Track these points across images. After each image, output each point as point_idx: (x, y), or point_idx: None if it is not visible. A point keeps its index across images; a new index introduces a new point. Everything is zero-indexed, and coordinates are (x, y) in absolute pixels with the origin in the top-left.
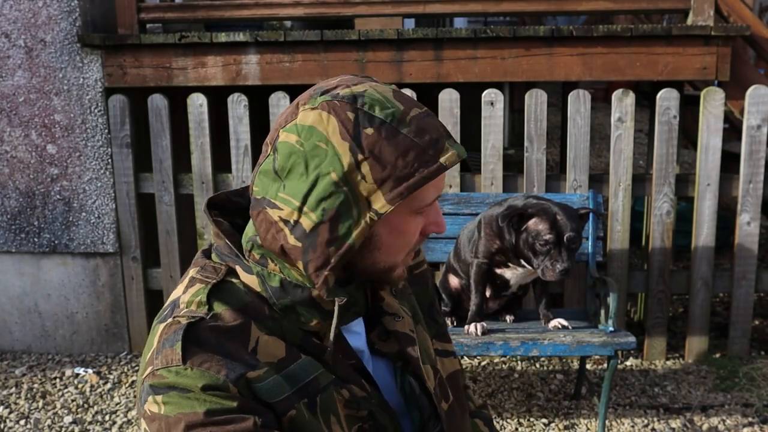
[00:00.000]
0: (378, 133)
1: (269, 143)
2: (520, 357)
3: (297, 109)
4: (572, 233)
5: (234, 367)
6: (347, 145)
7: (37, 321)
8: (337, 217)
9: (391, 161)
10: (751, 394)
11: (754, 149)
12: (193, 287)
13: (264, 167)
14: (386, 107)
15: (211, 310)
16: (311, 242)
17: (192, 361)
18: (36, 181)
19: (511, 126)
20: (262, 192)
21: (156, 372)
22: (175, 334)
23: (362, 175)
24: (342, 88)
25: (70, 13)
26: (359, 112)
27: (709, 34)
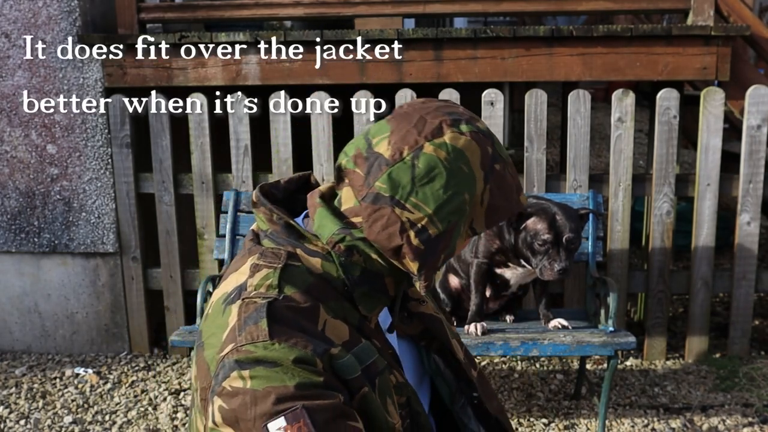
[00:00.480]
0: (502, 169)
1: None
2: (520, 357)
3: (443, 128)
4: (571, 233)
5: (317, 344)
6: (482, 174)
7: (37, 321)
8: (454, 230)
9: (500, 195)
10: (751, 394)
11: (754, 149)
12: (259, 272)
13: (397, 170)
14: (503, 148)
15: (282, 293)
16: (432, 248)
17: (278, 338)
18: (36, 181)
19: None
20: (390, 191)
21: (241, 348)
22: (257, 312)
23: (481, 201)
24: (475, 121)
25: (70, 13)
26: (493, 148)
27: (709, 34)
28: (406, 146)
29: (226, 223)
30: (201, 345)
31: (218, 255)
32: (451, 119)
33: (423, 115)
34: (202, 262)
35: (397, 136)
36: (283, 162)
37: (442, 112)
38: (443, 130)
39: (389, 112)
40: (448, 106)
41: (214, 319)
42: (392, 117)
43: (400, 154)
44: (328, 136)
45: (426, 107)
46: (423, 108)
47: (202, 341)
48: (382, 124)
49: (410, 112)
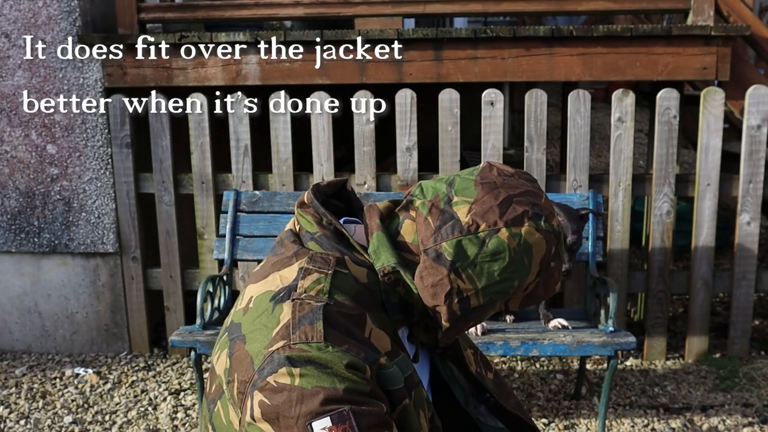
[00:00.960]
0: (555, 268)
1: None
2: (520, 357)
3: (524, 219)
4: (572, 235)
5: (368, 352)
6: (538, 269)
7: (37, 321)
8: (491, 305)
9: (543, 288)
10: (751, 394)
11: (754, 149)
12: (310, 275)
13: (467, 241)
14: (563, 247)
15: (332, 298)
16: (467, 316)
17: (332, 341)
18: (36, 181)
19: (511, 126)
20: (453, 257)
21: (293, 345)
22: (313, 314)
23: (526, 288)
24: (553, 217)
25: (70, 13)
26: (557, 248)
27: (709, 34)
28: (484, 223)
29: (226, 223)
30: (241, 338)
31: (218, 255)
32: (533, 212)
33: (510, 195)
34: (202, 262)
35: (479, 207)
36: (283, 162)
37: (528, 200)
38: (523, 221)
39: (389, 112)
40: (533, 194)
41: (259, 314)
42: (481, 182)
43: (477, 228)
44: (328, 136)
45: (515, 186)
46: (512, 186)
47: (243, 334)
48: (470, 184)
49: (499, 185)
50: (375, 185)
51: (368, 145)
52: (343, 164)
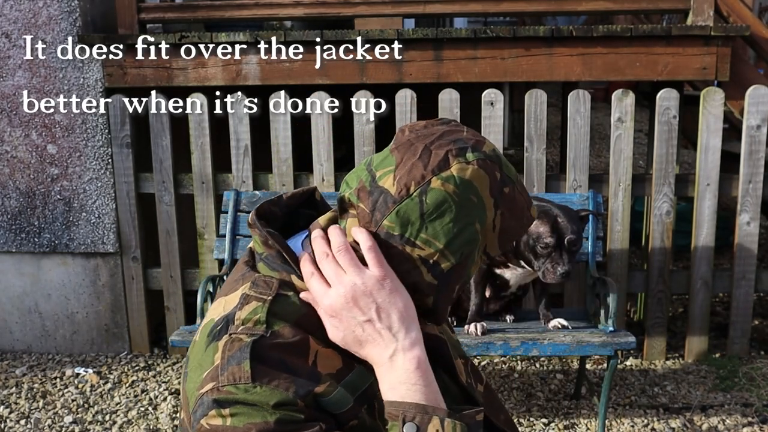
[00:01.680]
0: (511, 191)
1: (411, 183)
2: (520, 357)
3: (448, 159)
4: (573, 236)
5: (301, 384)
6: (492, 201)
7: (38, 321)
8: (468, 259)
9: (511, 217)
10: (751, 394)
11: (753, 149)
12: (248, 304)
13: (405, 208)
14: (510, 168)
15: (270, 328)
16: (446, 281)
17: (261, 380)
18: (36, 181)
19: (511, 126)
20: (399, 229)
21: (221, 388)
22: (241, 352)
23: (493, 227)
24: (482, 144)
25: (70, 13)
26: (501, 172)
27: (709, 34)
28: (412, 182)
29: (226, 223)
30: (185, 375)
31: (218, 255)
32: (456, 148)
33: (427, 145)
34: (202, 262)
35: (402, 170)
36: (283, 162)
37: (447, 140)
38: (449, 161)
39: (389, 112)
40: (452, 132)
41: (199, 350)
42: (395, 147)
43: (407, 191)
44: (328, 136)
45: (430, 134)
46: (427, 135)
47: (187, 371)
48: (386, 155)
49: (414, 141)
50: None
51: (368, 145)
52: (343, 164)
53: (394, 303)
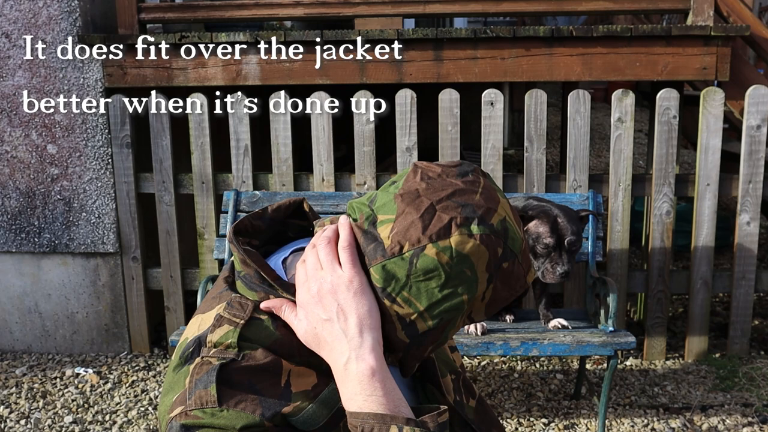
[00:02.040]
0: (510, 266)
1: (406, 244)
2: (520, 357)
3: (451, 228)
4: (573, 236)
5: (269, 405)
6: (487, 276)
7: (38, 321)
8: (447, 325)
9: (504, 288)
10: (751, 394)
11: (753, 149)
12: (221, 327)
13: (393, 265)
14: (516, 240)
15: (241, 351)
16: (419, 341)
17: (227, 403)
18: (36, 181)
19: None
20: (382, 282)
21: (189, 412)
22: (208, 375)
23: (483, 297)
24: (491, 214)
25: (70, 13)
26: (504, 247)
27: (709, 34)
28: (407, 242)
29: (226, 223)
30: (162, 392)
31: (218, 255)
32: (462, 217)
33: (434, 203)
34: (202, 262)
35: (401, 224)
36: (283, 162)
37: (455, 203)
38: (451, 231)
39: (389, 112)
40: (464, 192)
41: (174, 371)
42: (403, 194)
43: (400, 249)
44: (328, 136)
45: (440, 188)
46: (437, 190)
47: (163, 388)
48: (390, 199)
49: (422, 192)
50: (375, 185)
51: (368, 145)
52: (343, 164)
53: (355, 307)
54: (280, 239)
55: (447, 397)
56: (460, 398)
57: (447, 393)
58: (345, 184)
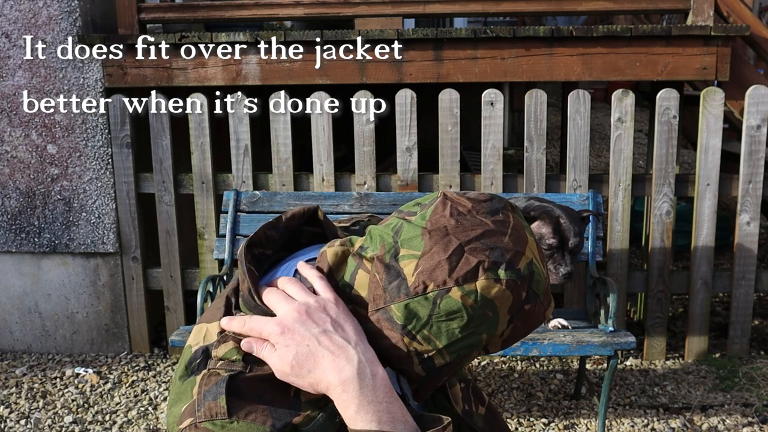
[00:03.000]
0: (532, 307)
1: (431, 284)
2: (520, 357)
3: (478, 272)
4: (575, 237)
5: (279, 416)
6: (507, 318)
7: (38, 321)
8: (463, 360)
9: (523, 328)
10: (751, 394)
11: (753, 149)
12: (225, 344)
13: (416, 304)
14: (541, 281)
15: (249, 364)
16: (435, 375)
17: (237, 414)
18: (36, 181)
19: (511, 126)
20: (403, 320)
21: (199, 424)
22: (217, 386)
23: (501, 334)
24: (519, 258)
25: (70, 13)
26: (528, 291)
27: (709, 34)
28: (432, 282)
29: (227, 223)
30: (168, 402)
31: (218, 255)
32: (490, 261)
33: (462, 244)
34: (202, 262)
35: (427, 263)
36: (283, 162)
37: (484, 245)
38: (478, 274)
39: (389, 112)
40: (494, 234)
41: (180, 381)
42: (430, 230)
43: (424, 289)
44: (328, 136)
45: (470, 228)
46: (466, 229)
47: (170, 398)
48: (417, 233)
49: (451, 231)
50: (375, 185)
51: (368, 145)
52: (343, 164)
53: (347, 319)
54: (293, 246)
55: (455, 407)
56: (469, 407)
57: (456, 402)
58: (345, 184)
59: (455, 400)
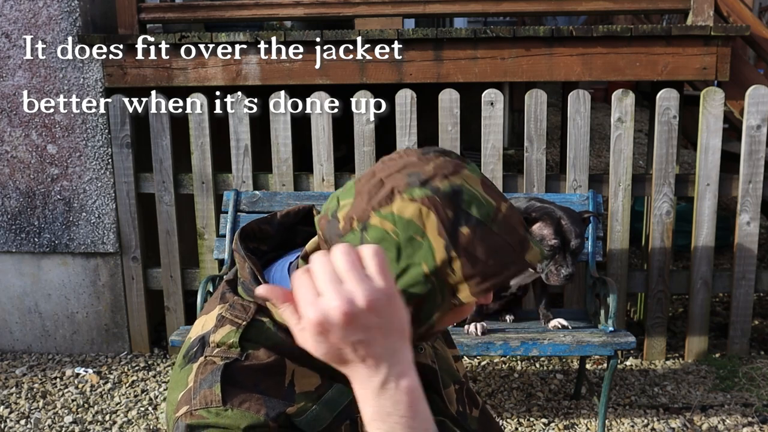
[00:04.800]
0: (473, 232)
1: (354, 218)
2: (520, 357)
3: (393, 195)
4: (576, 239)
5: (273, 405)
6: (443, 243)
7: (38, 321)
8: (421, 303)
9: (483, 260)
10: (751, 394)
11: (753, 149)
12: (223, 327)
13: (347, 241)
14: (482, 205)
15: (244, 351)
16: None
17: (232, 402)
18: (36, 181)
19: (511, 126)
20: None
21: (194, 412)
22: (213, 375)
23: (452, 270)
24: (440, 178)
25: (70, 13)
26: (458, 210)
27: (709, 34)
28: (355, 217)
29: (227, 223)
30: (168, 391)
31: (218, 255)
32: (406, 182)
33: (383, 178)
34: (202, 262)
35: (355, 203)
36: (283, 162)
37: (404, 174)
38: (393, 197)
39: (390, 112)
40: (417, 164)
41: (178, 370)
42: (360, 178)
43: (350, 226)
44: (328, 136)
45: (395, 166)
46: (391, 167)
47: (168, 387)
48: (350, 185)
49: (378, 171)
50: None
51: (368, 145)
52: (343, 164)
53: (395, 320)
54: (288, 246)
55: (449, 408)
56: (463, 409)
57: (449, 404)
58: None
59: (449, 401)
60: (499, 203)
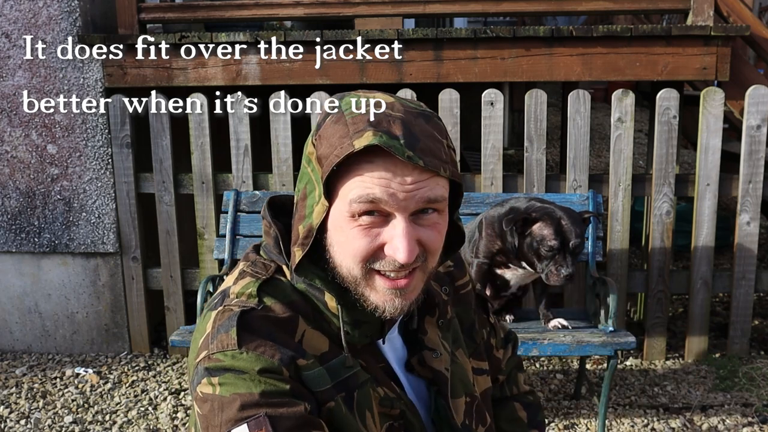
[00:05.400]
0: (332, 120)
1: None
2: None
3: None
4: (577, 239)
5: (286, 353)
6: (312, 131)
7: (38, 321)
8: (305, 196)
9: (326, 142)
10: (751, 394)
11: (753, 149)
12: (243, 280)
13: None
14: (360, 103)
15: (262, 303)
16: (295, 220)
17: (247, 346)
18: (36, 181)
19: (511, 126)
20: None
21: (212, 356)
22: (229, 321)
23: (317, 157)
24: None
25: (70, 13)
26: (340, 109)
27: (709, 34)
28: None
29: (226, 223)
30: (191, 340)
31: (218, 255)
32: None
33: None
34: (202, 262)
35: None
36: (283, 162)
37: None
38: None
39: None
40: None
41: (201, 323)
42: None
43: None
44: None
45: None
46: None
47: (192, 338)
48: None
49: None
50: None
51: None
52: None
53: None
54: None
55: (455, 418)
56: (469, 422)
57: (456, 414)
58: None
59: (456, 411)
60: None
